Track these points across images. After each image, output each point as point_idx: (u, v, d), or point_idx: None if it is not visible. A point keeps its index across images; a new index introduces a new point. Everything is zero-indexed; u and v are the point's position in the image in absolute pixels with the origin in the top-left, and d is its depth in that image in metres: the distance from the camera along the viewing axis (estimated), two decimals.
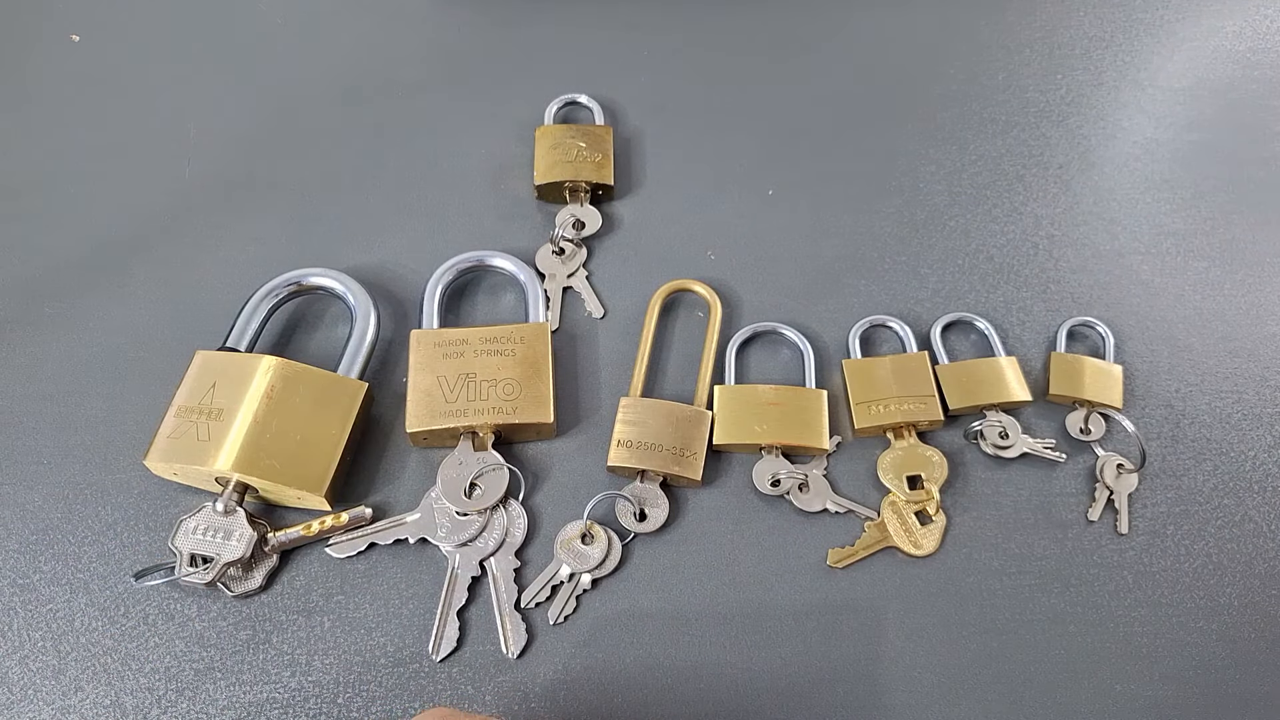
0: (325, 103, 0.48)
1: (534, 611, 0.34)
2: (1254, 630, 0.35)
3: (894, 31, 0.55)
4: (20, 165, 0.44)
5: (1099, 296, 0.44)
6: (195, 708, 0.31)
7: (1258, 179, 0.49)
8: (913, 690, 0.33)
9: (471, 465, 0.35)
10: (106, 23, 0.51)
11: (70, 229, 0.42)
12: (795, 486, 0.36)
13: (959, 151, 0.49)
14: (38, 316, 0.39)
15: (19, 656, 0.32)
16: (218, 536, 0.33)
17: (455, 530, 0.34)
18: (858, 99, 0.51)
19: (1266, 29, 0.57)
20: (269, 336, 0.39)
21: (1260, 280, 0.45)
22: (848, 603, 0.35)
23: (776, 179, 0.47)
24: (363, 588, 0.34)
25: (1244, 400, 0.41)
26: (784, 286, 0.43)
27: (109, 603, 0.33)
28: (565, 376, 0.39)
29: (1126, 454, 0.38)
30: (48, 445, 0.36)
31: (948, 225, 0.46)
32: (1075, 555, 0.36)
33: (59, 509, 0.35)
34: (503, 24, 0.53)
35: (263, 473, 0.33)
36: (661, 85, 0.51)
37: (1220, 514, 0.38)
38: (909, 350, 0.40)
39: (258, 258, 0.41)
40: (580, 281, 0.42)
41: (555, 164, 0.44)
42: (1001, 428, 0.38)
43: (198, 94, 0.48)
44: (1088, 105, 0.52)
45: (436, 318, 0.39)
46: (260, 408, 0.34)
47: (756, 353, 0.41)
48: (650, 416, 0.37)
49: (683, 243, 0.44)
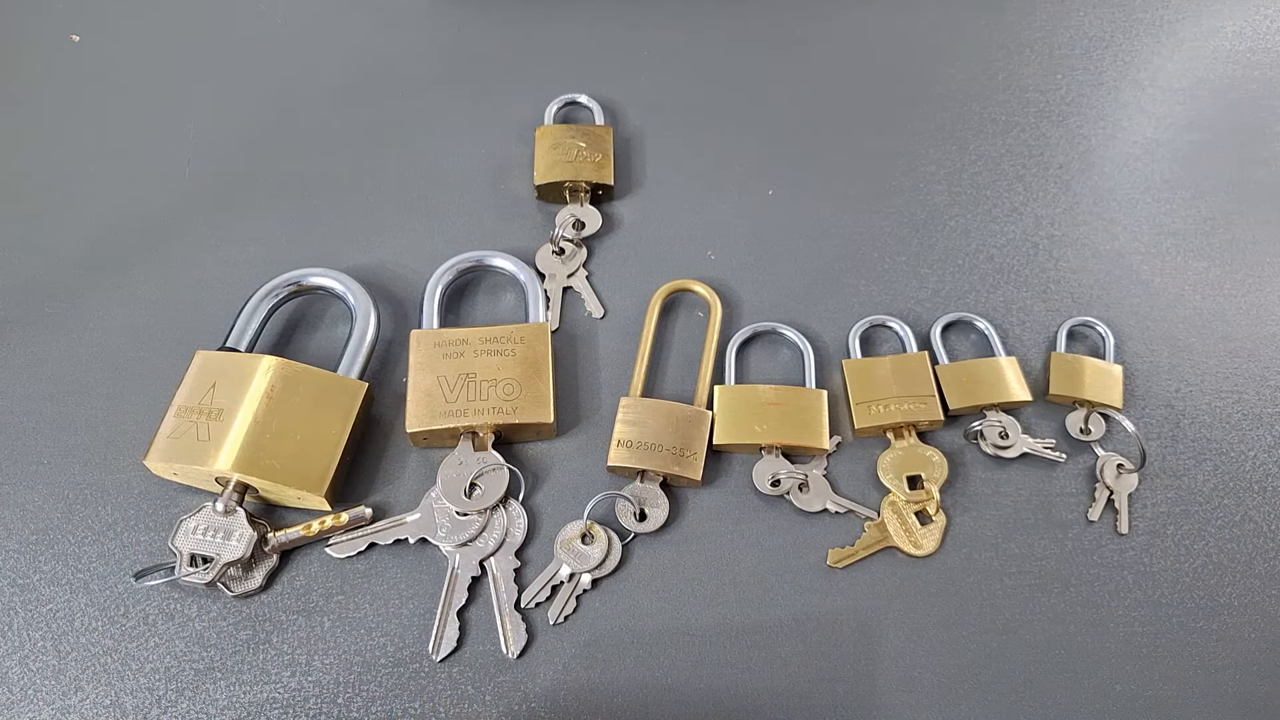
0: (325, 103, 0.48)
1: (534, 611, 0.34)
2: (1254, 630, 0.35)
3: (894, 31, 0.55)
4: (20, 165, 0.44)
5: (1099, 296, 0.44)
6: (195, 708, 0.31)
7: (1258, 179, 0.49)
8: (913, 690, 0.33)
9: (471, 465, 0.35)
10: (106, 23, 0.51)
11: (70, 229, 0.42)
12: (795, 486, 0.36)
13: (959, 151, 0.49)
14: (38, 316, 0.39)
15: (19, 656, 0.32)
16: (218, 536, 0.33)
17: (455, 530, 0.34)
18: (858, 99, 0.51)
19: (1266, 29, 0.57)
20: (269, 336, 0.39)
21: (1260, 280, 0.45)
22: (848, 603, 0.35)
23: (776, 179, 0.47)
24: (363, 588, 0.34)
25: (1244, 400, 0.41)
26: (784, 286, 0.43)
27: (109, 603, 0.33)
28: (565, 376, 0.39)
29: (1126, 454, 0.38)
30: (48, 445, 0.36)
31: (948, 225, 0.46)
32: (1075, 555, 0.36)
33: (59, 509, 0.35)
34: (503, 24, 0.53)
35: (263, 473, 0.33)
36: (661, 85, 0.51)
37: (1220, 514, 0.38)
38: (909, 350, 0.40)
39: (258, 258, 0.41)
40: (580, 281, 0.42)
41: (555, 164, 0.44)
42: (1001, 428, 0.38)
43: (198, 94, 0.48)
44: (1088, 105, 0.52)
45: (436, 318, 0.39)
46: (260, 408, 0.34)
47: (756, 353, 0.41)
48: (650, 416, 0.37)
49: (683, 243, 0.44)
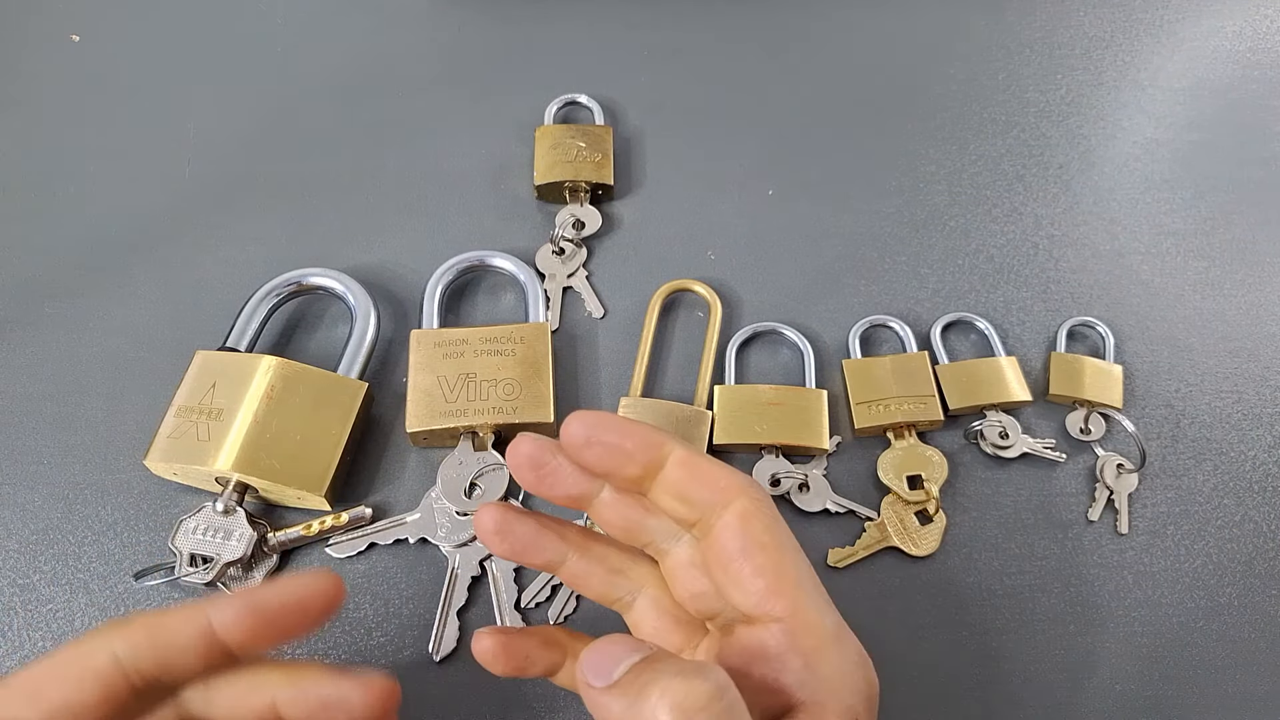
0: (325, 103, 0.48)
1: (534, 611, 0.34)
2: (1254, 630, 0.35)
3: (894, 31, 0.55)
4: (20, 165, 0.44)
5: (1099, 296, 0.44)
6: None
7: (1258, 179, 0.49)
8: (913, 690, 0.33)
9: (471, 465, 0.35)
10: (106, 23, 0.51)
11: (70, 229, 0.42)
12: (795, 486, 0.36)
13: (959, 151, 0.49)
14: (38, 316, 0.39)
15: (19, 656, 0.32)
16: (218, 536, 0.33)
17: (455, 530, 0.34)
18: (858, 99, 0.51)
19: (1266, 29, 0.57)
20: (269, 336, 0.39)
21: (1260, 280, 0.45)
22: (848, 603, 0.34)
23: (776, 179, 0.47)
24: (363, 588, 0.34)
25: (1244, 400, 0.41)
26: (784, 286, 0.43)
27: (109, 603, 0.33)
28: (565, 376, 0.39)
29: (1126, 454, 0.38)
30: (48, 445, 0.36)
31: (948, 225, 0.46)
32: (1075, 555, 0.36)
33: (59, 509, 0.35)
34: (503, 24, 0.53)
35: (263, 473, 0.33)
36: (661, 85, 0.51)
37: (1220, 514, 0.38)
38: (909, 350, 0.40)
39: (258, 258, 0.41)
40: (580, 281, 0.42)
41: (555, 164, 0.44)
42: (1001, 428, 0.38)
43: (198, 94, 0.48)
44: (1088, 105, 0.52)
45: (436, 318, 0.39)
46: (260, 408, 0.34)
47: (756, 353, 0.41)
48: (650, 416, 0.37)
49: (683, 243, 0.44)
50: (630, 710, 0.19)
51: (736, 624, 0.25)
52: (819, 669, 0.23)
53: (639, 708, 0.19)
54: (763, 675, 0.23)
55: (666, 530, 0.26)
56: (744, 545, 0.23)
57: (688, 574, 0.26)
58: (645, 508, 0.25)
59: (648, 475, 0.24)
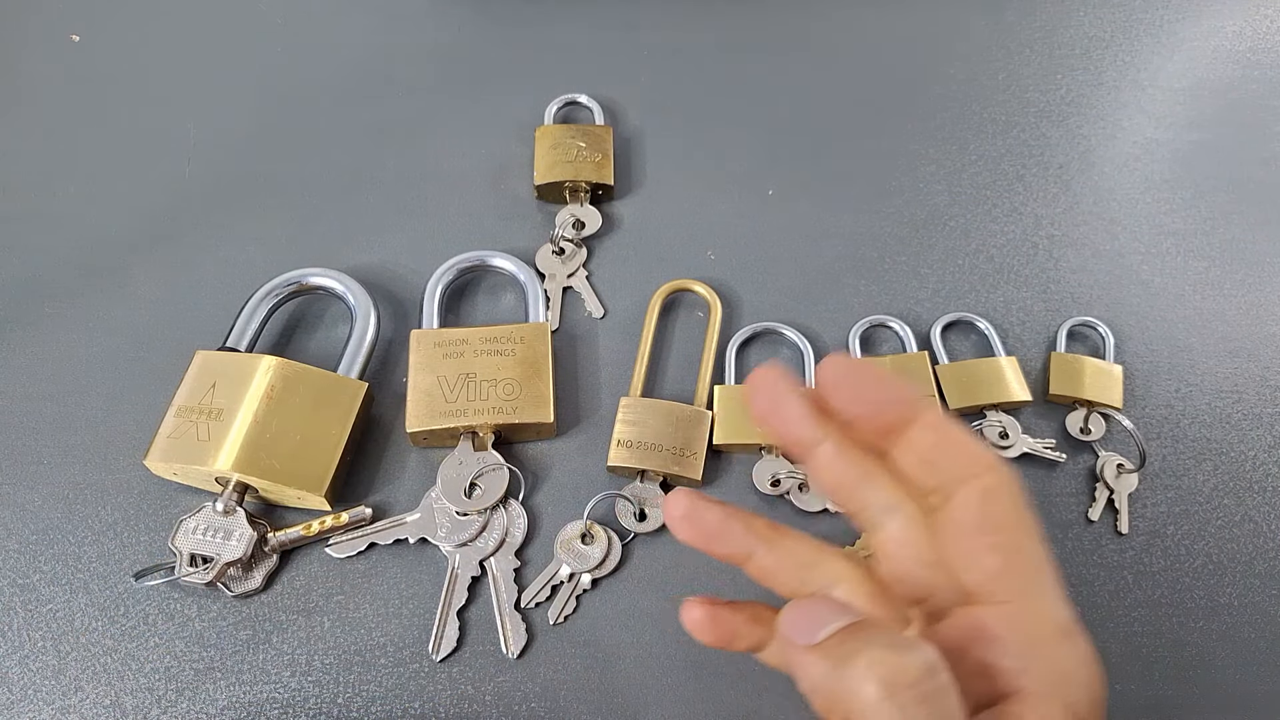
0: (325, 103, 0.48)
1: (534, 611, 0.34)
2: (1254, 630, 0.35)
3: (894, 31, 0.55)
4: (20, 165, 0.44)
5: (1099, 296, 0.44)
6: (195, 708, 0.31)
7: (1258, 179, 0.49)
8: None
9: (471, 465, 0.35)
10: (106, 23, 0.51)
11: (70, 229, 0.42)
12: (795, 486, 0.36)
13: (959, 151, 0.49)
14: (38, 316, 0.39)
15: (19, 656, 0.32)
16: (218, 536, 0.33)
17: (455, 530, 0.34)
18: (857, 99, 0.51)
19: (1266, 29, 0.57)
20: (269, 336, 0.39)
21: (1260, 280, 0.45)
22: None
23: (776, 179, 0.47)
24: (363, 588, 0.34)
25: (1244, 400, 0.41)
26: (784, 286, 0.43)
27: (109, 603, 0.33)
28: (565, 376, 0.39)
29: (1126, 454, 0.38)
30: (48, 445, 0.36)
31: (948, 225, 0.46)
32: (1075, 555, 0.36)
33: (59, 509, 0.35)
34: (503, 24, 0.53)
35: (263, 473, 0.33)
36: (661, 85, 0.51)
37: (1220, 514, 0.38)
38: (909, 350, 0.40)
39: (258, 258, 0.41)
40: (580, 281, 0.42)
41: (555, 164, 0.44)
42: (1001, 428, 0.38)
43: (198, 94, 0.48)
44: (1088, 105, 0.52)
45: (436, 318, 0.39)
46: (260, 408, 0.34)
47: (756, 353, 0.41)
48: (650, 416, 0.37)
49: (683, 243, 0.44)
50: (832, 675, 0.19)
51: (951, 608, 0.23)
52: (1044, 658, 0.22)
53: (844, 674, 0.18)
54: (980, 658, 0.22)
55: (883, 501, 0.24)
56: (983, 521, 0.22)
57: (901, 551, 0.24)
58: (865, 472, 0.24)
59: (894, 431, 0.23)
